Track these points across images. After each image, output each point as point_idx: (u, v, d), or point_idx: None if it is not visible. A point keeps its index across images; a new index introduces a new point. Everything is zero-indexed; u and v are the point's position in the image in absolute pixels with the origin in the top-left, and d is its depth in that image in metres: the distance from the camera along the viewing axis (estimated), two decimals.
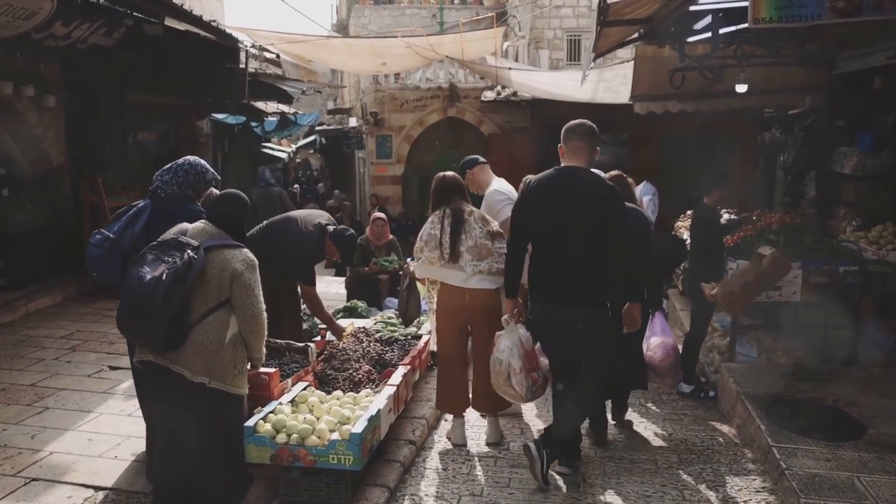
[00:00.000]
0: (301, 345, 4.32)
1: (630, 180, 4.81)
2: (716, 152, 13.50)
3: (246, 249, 3.21)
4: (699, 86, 8.56)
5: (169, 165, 3.94)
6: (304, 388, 3.88)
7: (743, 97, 8.35)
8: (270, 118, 14.41)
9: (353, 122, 18.54)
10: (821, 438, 4.07)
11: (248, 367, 3.31)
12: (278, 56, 9.73)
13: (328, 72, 24.63)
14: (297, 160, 28.24)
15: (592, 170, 3.70)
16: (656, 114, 9.30)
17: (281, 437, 3.31)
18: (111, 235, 3.60)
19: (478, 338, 4.23)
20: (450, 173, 4.36)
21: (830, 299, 5.19)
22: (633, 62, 9.00)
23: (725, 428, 4.80)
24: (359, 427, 3.26)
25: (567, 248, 3.48)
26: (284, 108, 12.61)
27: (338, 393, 3.88)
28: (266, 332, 3.24)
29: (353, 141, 18.15)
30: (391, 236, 7.28)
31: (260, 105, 11.57)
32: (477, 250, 4.04)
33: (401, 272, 6.85)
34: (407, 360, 4.44)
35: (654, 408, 5.22)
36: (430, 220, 4.22)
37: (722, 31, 6.12)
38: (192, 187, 3.84)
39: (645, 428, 4.79)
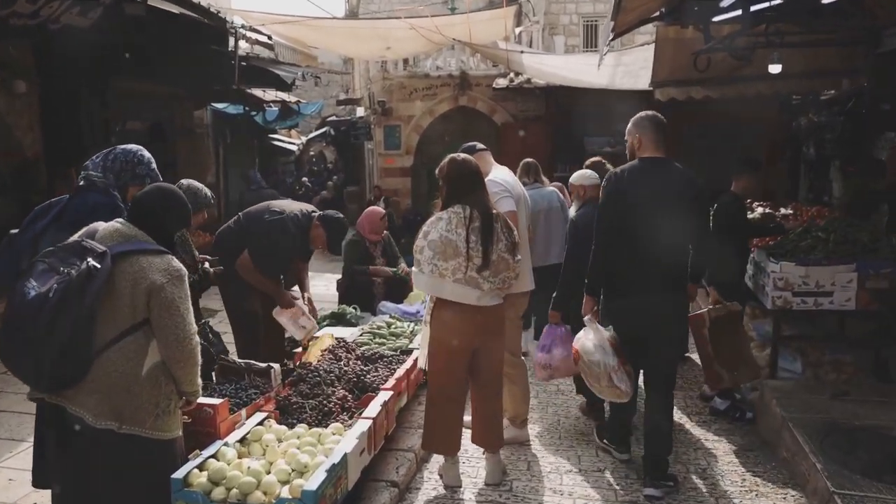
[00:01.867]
0: (263, 365, 3.64)
1: (609, 167, 4.58)
2: (740, 142, 12.85)
3: (170, 256, 2.53)
4: (725, 69, 7.84)
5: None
6: (262, 422, 3.21)
7: (772, 82, 7.68)
8: (271, 107, 13.78)
9: (360, 111, 17.83)
10: (892, 483, 3.33)
11: (184, 401, 2.64)
12: (270, 38, 9.07)
13: (339, 61, 23.94)
14: (311, 153, 27.56)
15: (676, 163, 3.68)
16: (678, 100, 8.55)
17: (218, 493, 2.62)
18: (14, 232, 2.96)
19: (484, 360, 3.54)
20: (468, 157, 3.61)
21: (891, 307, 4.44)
22: (653, 45, 8.24)
23: (769, 462, 4.07)
24: (314, 482, 2.56)
25: (659, 237, 3.42)
26: (284, 96, 11.93)
27: (300, 429, 3.19)
28: (199, 359, 2.57)
29: (360, 131, 17.46)
30: (385, 232, 6.57)
31: (257, 93, 10.90)
32: (496, 265, 3.35)
33: (399, 274, 6.20)
34: (390, 383, 3.73)
35: (683, 434, 4.49)
36: (442, 217, 3.32)
37: (753, 7, 5.47)
38: (117, 177, 3.18)
39: (674, 459, 4.07)
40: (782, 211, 6.63)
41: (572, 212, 4.84)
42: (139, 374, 2.42)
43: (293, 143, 23.63)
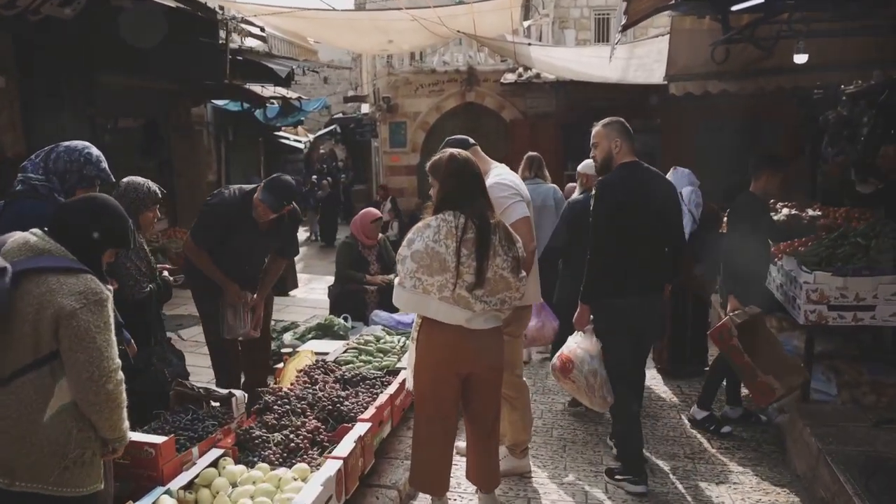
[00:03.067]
0: (224, 392, 3.20)
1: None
2: (758, 139, 12.35)
3: (89, 276, 2.09)
4: (744, 62, 7.33)
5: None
6: (216, 461, 2.77)
7: (794, 75, 7.15)
8: (273, 104, 13.35)
9: (364, 108, 17.40)
10: None
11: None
12: (263, 30, 8.64)
13: (348, 57, 23.47)
14: (322, 150, 27.07)
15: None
16: (694, 95, 8.03)
17: None
18: None
19: (477, 390, 3.07)
20: (470, 156, 3.09)
21: None
22: (668, 36, 7.73)
23: (798, 498, 3.59)
24: None
25: (651, 239, 3.58)
26: (284, 91, 11.49)
27: (258, 471, 2.74)
28: (123, 400, 2.13)
29: (366, 129, 17.04)
30: (381, 235, 6.13)
31: (256, 88, 10.47)
32: (492, 284, 2.87)
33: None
34: (369, 412, 3.28)
35: (703, 464, 4.00)
36: (430, 225, 2.87)
37: None
38: (62, 180, 2.76)
39: (695, 496, 3.60)
40: (809, 212, 6.12)
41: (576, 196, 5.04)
42: (39, 419, 1.98)
43: (299, 141, 23.22)
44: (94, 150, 2.94)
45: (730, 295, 4.36)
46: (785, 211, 6.17)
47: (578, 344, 3.65)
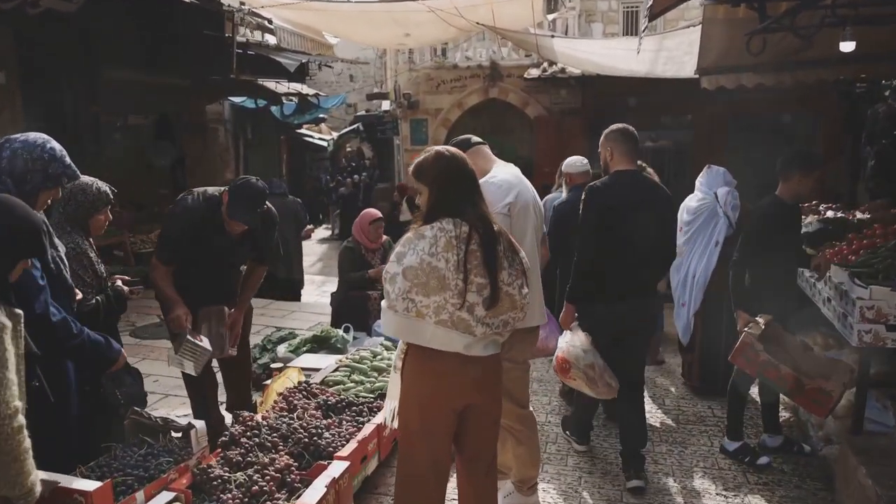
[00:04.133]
0: (183, 423, 2.79)
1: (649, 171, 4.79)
2: (794, 136, 11.71)
3: None
4: (782, 52, 6.77)
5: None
6: None
7: (837, 66, 6.67)
8: (292, 101, 13.05)
9: (385, 105, 17.03)
10: None
11: None
12: (271, 21, 8.27)
13: (373, 53, 23.03)
14: (349, 149, 26.63)
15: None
16: (727, 90, 7.49)
17: None
18: None
19: (473, 429, 2.62)
20: (458, 152, 2.64)
21: None
22: (699, 27, 7.19)
23: None
24: None
25: (639, 247, 3.56)
26: (298, 87, 11.12)
27: None
28: (22, 452, 1.74)
29: (387, 126, 16.68)
30: (386, 237, 5.71)
31: (270, 84, 10.13)
32: (499, 303, 2.44)
33: None
34: (349, 448, 2.85)
35: (732, 502, 3.52)
36: (424, 235, 2.43)
37: None
38: (21, 181, 2.40)
39: None
40: (858, 215, 5.54)
41: (563, 194, 4.99)
42: None
43: (323, 140, 22.89)
44: (56, 144, 2.58)
45: (739, 311, 3.89)
46: (830, 214, 5.61)
47: (569, 342, 3.66)
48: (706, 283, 4.86)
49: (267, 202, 3.50)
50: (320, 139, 22.73)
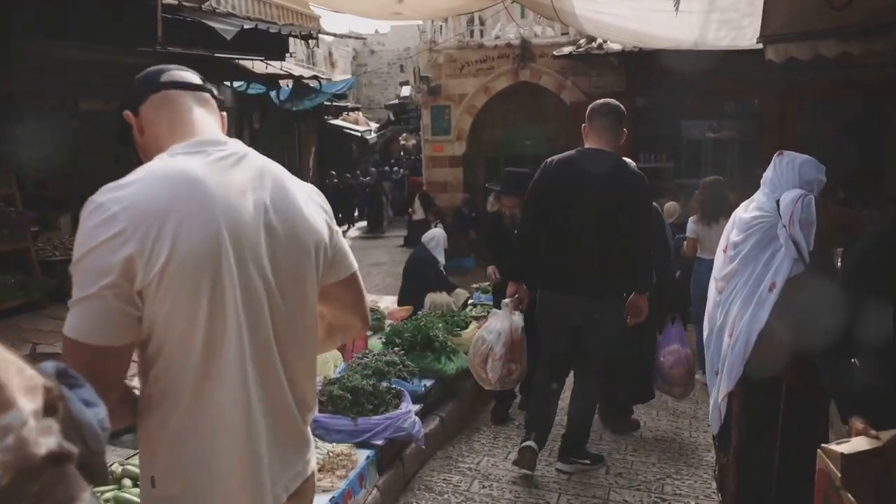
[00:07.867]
0: None
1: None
2: (885, 127, 9.64)
3: None
4: (874, 10, 4.96)
5: None
6: None
7: None
8: (295, 84, 11.65)
9: (405, 90, 15.51)
10: None
11: None
12: None
13: (389, 28, 21.28)
14: (402, 142, 25.04)
15: (626, 159, 3.70)
16: (799, 61, 5.58)
17: None
18: None
19: None
20: None
21: None
22: None
23: None
24: None
25: (587, 235, 3.48)
26: (291, 66, 9.68)
27: None
28: None
29: (411, 114, 15.16)
30: None
31: (246, 64, 8.71)
32: None
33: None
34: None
35: None
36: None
37: None
38: None
39: None
40: None
41: None
42: None
43: (356, 130, 21.33)
44: None
45: (853, 418, 2.12)
46: None
47: (494, 317, 3.81)
48: (748, 349, 2.95)
49: None
50: (353, 129, 21.25)
